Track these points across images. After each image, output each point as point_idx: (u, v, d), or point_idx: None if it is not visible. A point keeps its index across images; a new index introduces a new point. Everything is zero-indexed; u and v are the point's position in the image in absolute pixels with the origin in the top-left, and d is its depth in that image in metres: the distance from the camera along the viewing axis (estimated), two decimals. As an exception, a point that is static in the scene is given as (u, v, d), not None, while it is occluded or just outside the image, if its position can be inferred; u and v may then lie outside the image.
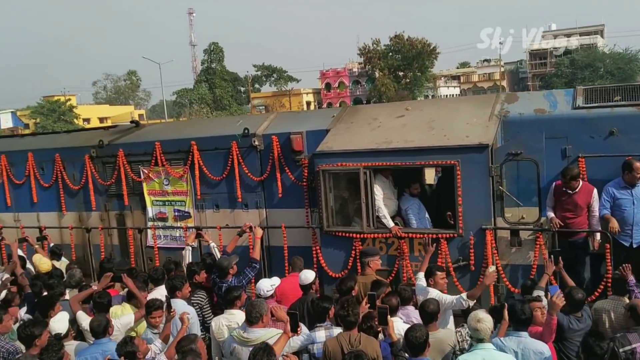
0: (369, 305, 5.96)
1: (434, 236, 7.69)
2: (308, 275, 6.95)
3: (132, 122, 11.57)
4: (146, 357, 5.55)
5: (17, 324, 6.54)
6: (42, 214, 11.45)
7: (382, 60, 75.81)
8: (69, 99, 71.94)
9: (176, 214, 10.32)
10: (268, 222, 9.49)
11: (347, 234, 8.24)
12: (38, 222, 11.39)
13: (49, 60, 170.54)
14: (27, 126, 66.48)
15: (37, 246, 9.91)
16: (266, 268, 9.00)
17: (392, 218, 8.27)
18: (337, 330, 5.69)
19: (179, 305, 6.57)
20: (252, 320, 5.68)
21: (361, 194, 8.06)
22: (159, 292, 7.19)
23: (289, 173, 9.24)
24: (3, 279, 7.90)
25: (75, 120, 69.05)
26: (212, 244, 8.83)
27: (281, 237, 9.03)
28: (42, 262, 9.18)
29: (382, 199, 8.25)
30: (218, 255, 8.41)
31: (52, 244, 10.39)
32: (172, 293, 6.85)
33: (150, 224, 10.45)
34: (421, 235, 7.82)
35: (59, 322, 6.23)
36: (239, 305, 6.43)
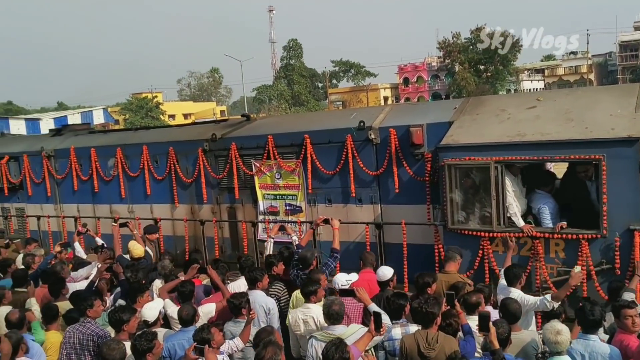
0: (447, 306, 5.77)
1: (573, 237, 7.11)
2: (386, 272, 6.78)
3: (242, 115, 11.58)
4: (224, 350, 5.67)
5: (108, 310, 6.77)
6: (156, 206, 11.65)
7: (463, 53, 73.92)
8: (156, 96, 74.58)
9: (287, 207, 10.19)
10: (383, 218, 9.18)
11: (474, 233, 7.78)
12: (151, 213, 11.60)
13: (137, 60, 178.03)
14: (117, 122, 69.49)
15: (135, 232, 10.10)
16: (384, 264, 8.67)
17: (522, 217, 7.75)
18: (413, 328, 5.58)
19: (259, 296, 6.69)
20: (330, 317, 5.63)
21: (491, 190, 7.59)
22: (242, 282, 7.30)
23: (407, 167, 8.88)
24: (98, 266, 8.13)
25: (161, 116, 71.54)
26: (294, 237, 8.80)
27: (397, 234, 8.70)
28: (136, 248, 9.43)
29: (513, 196, 7.74)
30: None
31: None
32: (252, 284, 6.87)
33: (261, 217, 10.38)
34: (559, 236, 7.26)
35: (151, 310, 6.38)
36: (314, 300, 6.34)
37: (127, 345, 5.47)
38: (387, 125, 9.08)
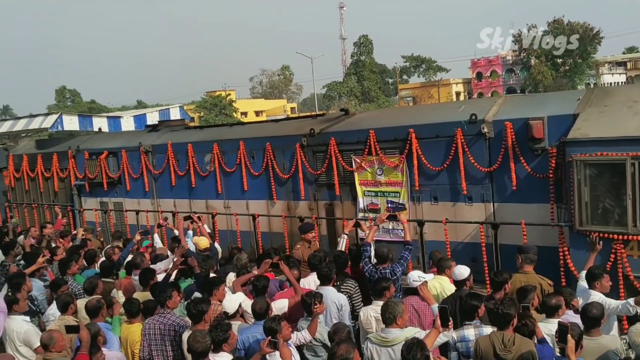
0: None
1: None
2: (462, 271, 6.49)
3: (341, 110, 11.23)
4: (292, 342, 5.70)
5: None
6: (252, 202, 11.50)
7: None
8: (229, 94, 75.69)
9: (389, 205, 9.76)
10: (496, 218, 8.60)
11: (606, 235, 7.09)
12: (247, 209, 11.47)
13: (212, 59, 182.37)
14: (192, 119, 71.02)
15: (199, 224, 10.07)
16: (498, 266, 8.11)
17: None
18: (487, 329, 5.41)
19: (331, 292, 6.68)
20: (385, 320, 5.48)
21: (627, 188, 6.89)
22: (313, 278, 7.33)
23: (524, 163, 8.25)
24: (174, 260, 8.15)
25: (234, 113, 72.55)
26: (366, 233, 8.53)
27: (514, 234, 8.09)
28: (201, 240, 9.48)
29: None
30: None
31: (208, 231, 10.42)
32: (324, 281, 6.83)
33: (360, 215, 10.00)
34: None
35: (231, 302, 6.45)
36: (388, 296, 6.24)
37: None
38: (502, 118, 8.49)
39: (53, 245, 10.63)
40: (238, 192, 11.73)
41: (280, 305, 6.63)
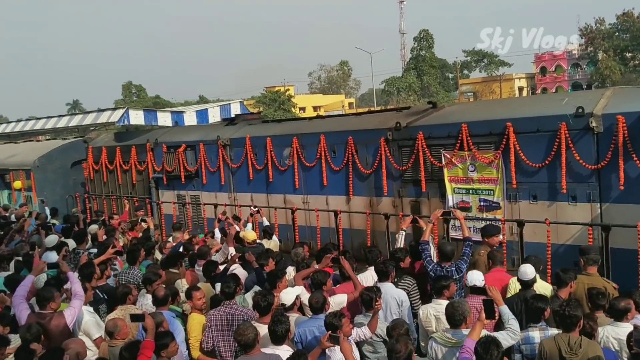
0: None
1: None
2: (528, 271, 6.26)
3: (429, 102, 10.70)
4: (352, 338, 5.64)
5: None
6: (332, 197, 11.14)
7: (607, 40, 67.72)
8: (288, 89, 75.98)
9: (482, 204, 9.18)
10: (604, 219, 7.90)
11: None
12: (327, 205, 11.12)
13: (272, 55, 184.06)
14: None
15: (243, 220, 10.51)
16: (609, 272, 7.42)
17: None
18: (553, 331, 5.31)
19: (390, 288, 6.63)
20: (455, 322, 5.30)
21: None
22: (370, 273, 7.27)
23: (637, 161, 7.51)
24: (232, 254, 8.28)
25: (292, 109, 72.76)
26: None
27: (626, 238, 7.38)
28: (249, 233, 9.64)
29: None
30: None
31: (265, 224, 10.77)
32: (382, 277, 6.76)
33: (450, 213, 9.45)
34: None
35: (288, 294, 6.43)
36: (448, 295, 6.12)
37: (264, 328, 5.64)
38: (613, 112, 7.78)
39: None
40: (317, 187, 11.40)
41: (339, 300, 6.57)
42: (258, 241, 9.81)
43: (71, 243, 10.22)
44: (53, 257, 9.41)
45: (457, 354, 5.01)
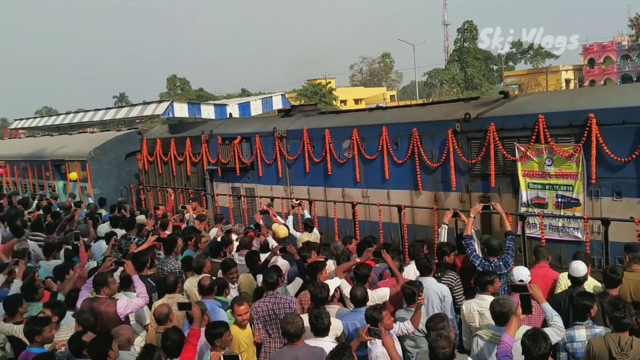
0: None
1: None
2: (580, 267, 6.08)
3: (500, 92, 10.13)
4: (394, 332, 5.59)
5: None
6: (394, 192, 10.70)
7: (660, 30, 64.90)
8: (329, 82, 75.54)
9: (559, 200, 8.60)
10: (699, 217, 7.24)
11: None
12: (388, 199, 10.68)
13: (313, 47, 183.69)
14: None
15: (276, 217, 10.31)
16: None
17: None
18: (600, 330, 5.21)
19: (432, 283, 6.56)
20: (503, 318, 5.17)
21: None
22: (412, 267, 7.19)
23: None
24: (273, 246, 8.38)
25: (333, 101, 72.36)
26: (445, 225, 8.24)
27: None
28: (280, 229, 9.54)
29: None
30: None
31: (307, 217, 10.58)
32: (424, 271, 6.69)
33: (522, 209, 8.91)
34: None
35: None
36: (492, 290, 6.01)
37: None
38: None
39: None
40: (378, 180, 10.97)
41: (381, 294, 6.54)
42: (299, 234, 9.95)
43: (120, 231, 10.49)
44: (103, 246, 9.73)
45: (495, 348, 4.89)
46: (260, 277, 7.32)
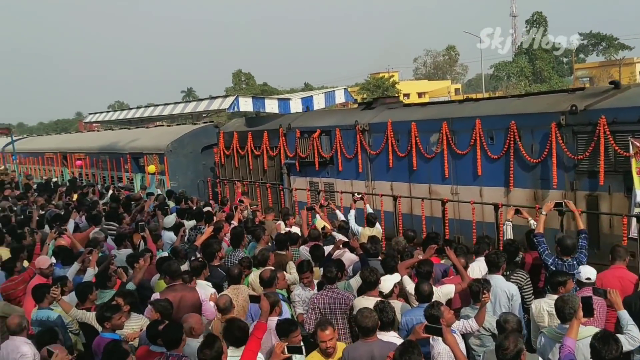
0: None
1: None
2: None
3: (611, 82, 9.24)
4: (457, 329, 5.49)
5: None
6: (487, 189, 9.97)
7: None
8: (392, 76, 74.35)
9: (681, 200, 7.67)
10: None
11: None
12: (480, 197, 9.97)
13: (376, 40, 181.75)
14: (355, 101, 70.74)
15: (321, 214, 10.21)
16: None
17: None
18: None
19: (500, 281, 6.34)
20: (566, 316, 4.99)
21: None
22: (477, 265, 7.00)
23: None
24: (337, 239, 8.25)
25: (396, 95, 71.19)
26: (532, 222, 7.91)
27: None
28: (318, 223, 9.67)
29: None
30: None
31: (368, 211, 10.20)
32: (493, 268, 6.44)
33: (637, 210, 8.01)
34: None
35: (386, 282, 6.29)
36: (563, 292, 5.64)
37: (372, 301, 5.61)
38: None
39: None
40: (469, 177, 10.26)
41: (446, 291, 6.40)
42: (361, 228, 9.61)
43: (188, 222, 10.72)
44: (171, 237, 9.94)
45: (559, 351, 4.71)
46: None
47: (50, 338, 5.45)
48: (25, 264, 8.45)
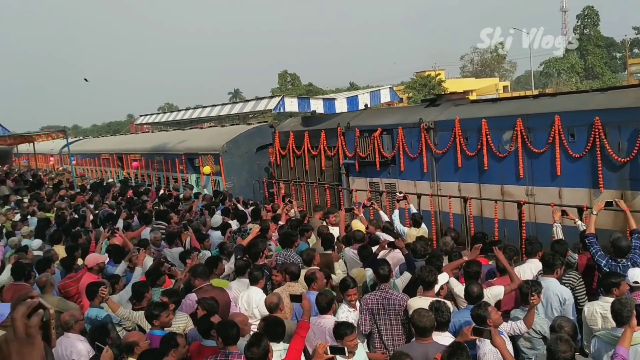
0: None
1: None
2: None
3: None
4: (505, 330, 5.31)
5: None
6: (567, 190, 9.20)
7: None
8: (439, 74, 72.95)
9: None
10: None
11: None
12: (560, 198, 9.20)
13: (422, 39, 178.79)
14: (401, 100, 69.67)
15: (360, 215, 9.97)
16: None
17: None
18: None
19: (553, 284, 6.14)
20: (622, 320, 4.72)
21: None
22: (529, 266, 6.79)
23: None
24: (382, 239, 7.97)
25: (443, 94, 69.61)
26: (579, 222, 7.78)
27: None
28: (358, 225, 9.34)
29: None
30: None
31: (413, 211, 10.05)
32: (547, 269, 6.22)
33: None
34: None
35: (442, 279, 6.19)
36: (617, 294, 5.45)
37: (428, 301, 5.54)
38: None
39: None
40: (547, 177, 9.50)
41: (495, 292, 6.19)
42: (406, 229, 9.34)
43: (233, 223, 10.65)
44: (218, 236, 9.90)
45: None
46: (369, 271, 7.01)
47: (102, 335, 5.54)
48: (80, 262, 8.46)
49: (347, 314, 6.08)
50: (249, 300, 6.50)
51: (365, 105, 16.55)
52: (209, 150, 17.79)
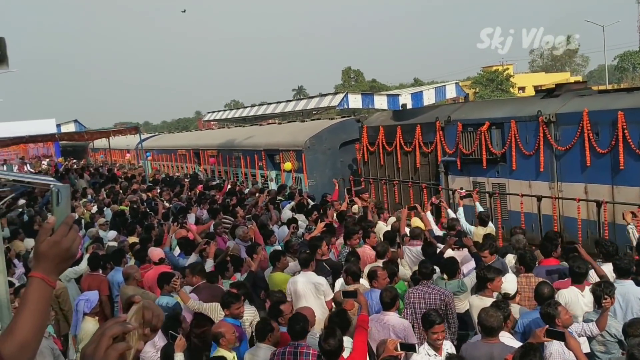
0: None
1: None
2: None
3: None
4: (576, 331, 5.13)
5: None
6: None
7: None
8: (507, 69, 70.14)
9: None
10: None
11: None
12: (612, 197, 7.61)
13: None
14: (467, 96, 67.17)
15: (422, 213, 9.57)
16: None
17: None
18: None
19: (630, 286, 5.79)
20: None
21: None
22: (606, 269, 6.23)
23: None
24: (449, 238, 7.85)
25: (511, 89, 67.28)
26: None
27: None
28: (416, 222, 9.40)
29: None
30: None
31: (479, 209, 9.74)
32: (622, 274, 5.87)
33: None
34: None
35: (509, 283, 5.95)
36: None
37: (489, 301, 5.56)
38: None
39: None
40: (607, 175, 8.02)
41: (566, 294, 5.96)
42: (473, 227, 9.05)
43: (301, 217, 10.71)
44: (285, 231, 9.84)
45: None
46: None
47: (175, 324, 5.53)
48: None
49: (426, 359, 4.99)
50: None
51: (403, 106, 15.04)
52: (290, 147, 16.84)
